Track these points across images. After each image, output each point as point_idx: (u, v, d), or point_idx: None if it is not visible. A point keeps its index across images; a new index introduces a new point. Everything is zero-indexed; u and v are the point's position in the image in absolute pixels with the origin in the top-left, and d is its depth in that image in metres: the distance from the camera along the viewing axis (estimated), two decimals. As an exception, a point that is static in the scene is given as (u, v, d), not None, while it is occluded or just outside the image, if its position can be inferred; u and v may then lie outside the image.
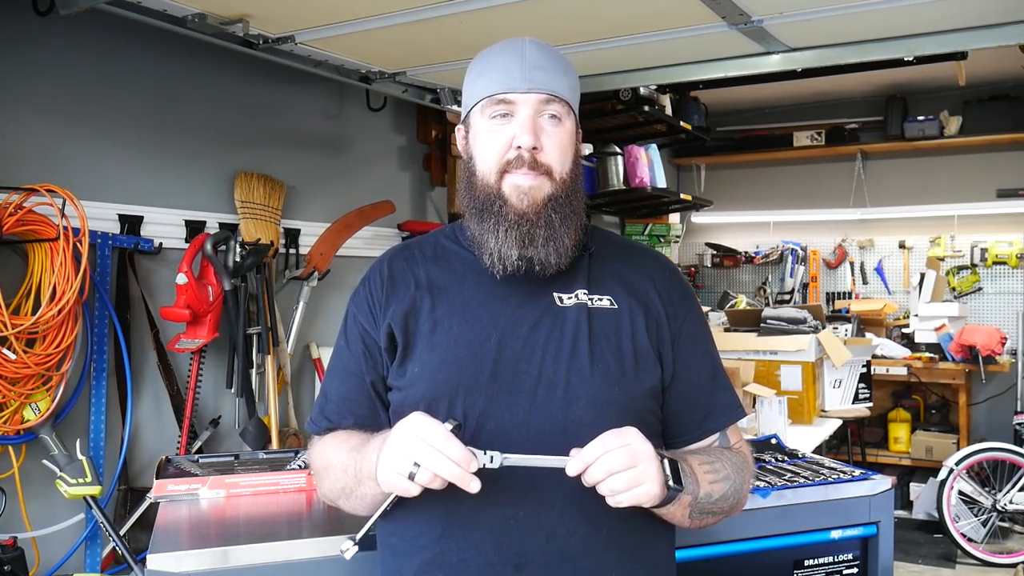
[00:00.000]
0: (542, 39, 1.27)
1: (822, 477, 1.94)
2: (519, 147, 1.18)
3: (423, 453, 1.04)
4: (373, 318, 1.27)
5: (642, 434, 1.10)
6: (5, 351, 2.26)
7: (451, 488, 1.12)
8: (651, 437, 1.25)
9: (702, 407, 1.28)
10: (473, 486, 1.04)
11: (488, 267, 1.21)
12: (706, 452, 1.26)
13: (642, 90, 4.35)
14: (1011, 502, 4.35)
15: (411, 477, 1.04)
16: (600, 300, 1.24)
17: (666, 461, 1.12)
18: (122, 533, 2.49)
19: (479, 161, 1.22)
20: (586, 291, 1.24)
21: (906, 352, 5.35)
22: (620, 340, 1.22)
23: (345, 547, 1.07)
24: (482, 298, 1.23)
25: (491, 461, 1.06)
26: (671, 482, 1.11)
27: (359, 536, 1.07)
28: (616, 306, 1.24)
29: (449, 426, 1.06)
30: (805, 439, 2.99)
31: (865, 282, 6.05)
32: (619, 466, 1.06)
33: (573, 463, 1.07)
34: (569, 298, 1.23)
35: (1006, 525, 4.57)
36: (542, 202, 1.19)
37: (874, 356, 4.39)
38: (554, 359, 1.19)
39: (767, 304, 5.70)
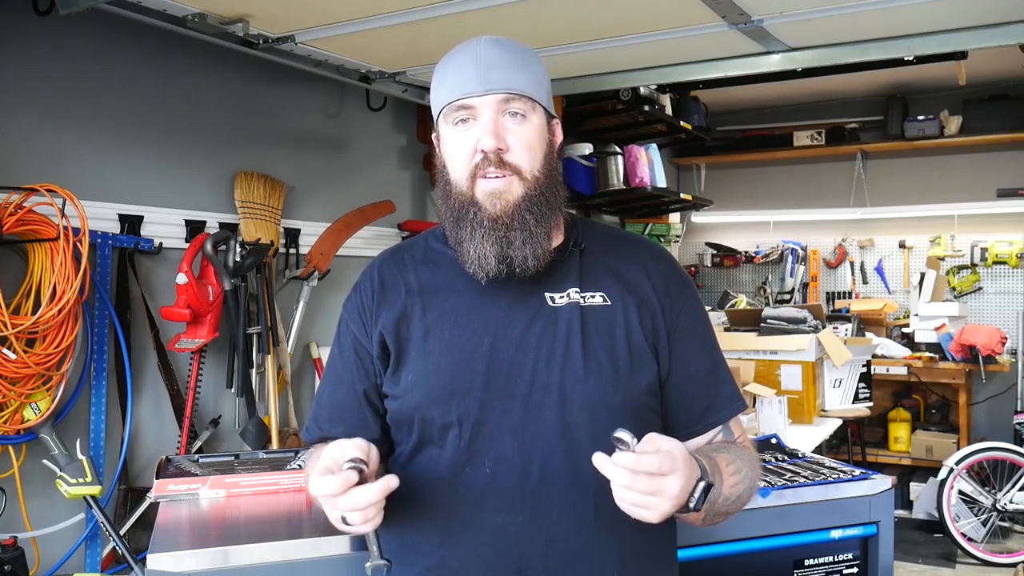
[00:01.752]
0: (542, 39, 1.26)
1: (822, 477, 1.94)
2: (483, 150, 1.16)
3: (345, 511, 1.03)
4: (364, 327, 1.26)
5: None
6: (5, 351, 2.26)
7: (450, 496, 1.13)
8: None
9: (701, 401, 1.26)
10: (392, 482, 1.03)
11: (471, 274, 1.20)
12: (728, 450, 1.22)
13: (642, 90, 4.36)
14: (1011, 502, 4.35)
15: (349, 523, 1.04)
16: (592, 298, 1.22)
17: (700, 484, 1.05)
18: (122, 533, 2.49)
19: (451, 169, 1.21)
20: (578, 289, 1.22)
21: (906, 352, 5.35)
22: (614, 338, 1.20)
23: (369, 565, 1.07)
24: (474, 301, 1.22)
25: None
26: (693, 504, 1.05)
27: (376, 558, 1.08)
28: (609, 302, 1.22)
29: (346, 468, 1.02)
30: (805, 439, 2.99)
31: (865, 282, 6.05)
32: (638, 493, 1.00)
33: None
34: (561, 297, 1.21)
35: (1006, 525, 4.57)
36: (515, 204, 1.17)
37: (874, 356, 4.39)
38: (547, 361, 1.17)
39: (767, 304, 5.69)
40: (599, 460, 0.99)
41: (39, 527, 2.49)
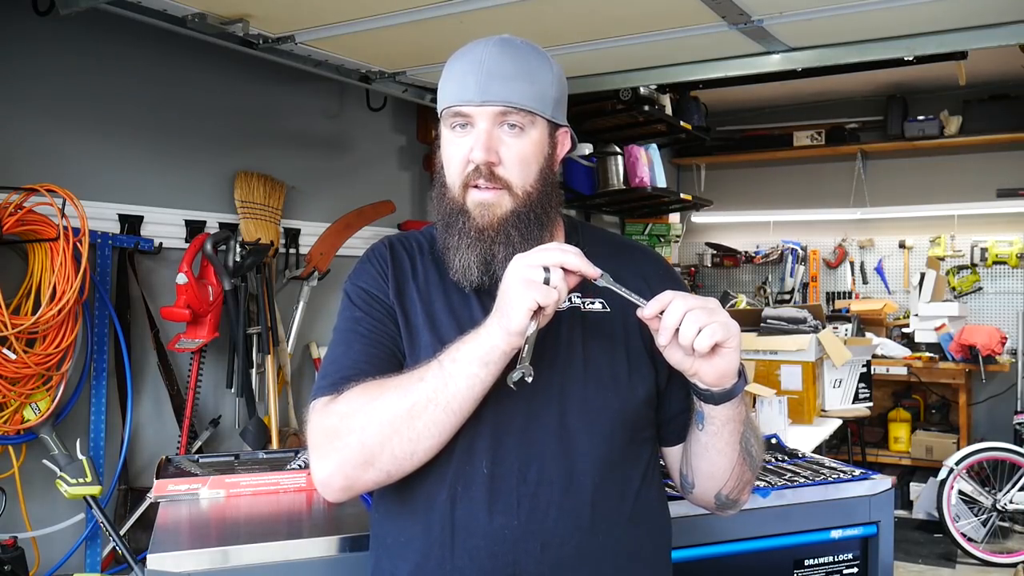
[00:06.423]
0: (542, 39, 1.25)
1: (822, 477, 1.94)
2: (474, 162, 1.15)
3: (547, 254, 1.04)
4: (385, 285, 1.23)
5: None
6: (5, 351, 2.26)
7: (447, 495, 1.11)
8: (646, 442, 1.23)
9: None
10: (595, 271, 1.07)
11: (455, 281, 1.19)
12: None
13: (642, 90, 4.35)
14: (1011, 502, 4.35)
15: (547, 282, 1.02)
16: (592, 303, 1.22)
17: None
18: (122, 533, 2.49)
19: (446, 173, 1.21)
20: (578, 294, 1.21)
21: (906, 352, 5.35)
22: (613, 344, 1.20)
23: (516, 376, 1.03)
24: (474, 301, 1.21)
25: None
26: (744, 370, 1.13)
27: (525, 363, 1.03)
28: (608, 309, 1.22)
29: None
30: (805, 439, 2.98)
31: (865, 282, 6.05)
32: (706, 321, 1.08)
33: (650, 307, 1.08)
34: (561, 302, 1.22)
35: (1006, 525, 4.57)
36: (501, 218, 1.16)
37: (874, 356, 4.39)
38: (548, 365, 1.16)
39: (767, 304, 5.69)
40: (644, 312, 1.09)
41: (39, 527, 2.50)
